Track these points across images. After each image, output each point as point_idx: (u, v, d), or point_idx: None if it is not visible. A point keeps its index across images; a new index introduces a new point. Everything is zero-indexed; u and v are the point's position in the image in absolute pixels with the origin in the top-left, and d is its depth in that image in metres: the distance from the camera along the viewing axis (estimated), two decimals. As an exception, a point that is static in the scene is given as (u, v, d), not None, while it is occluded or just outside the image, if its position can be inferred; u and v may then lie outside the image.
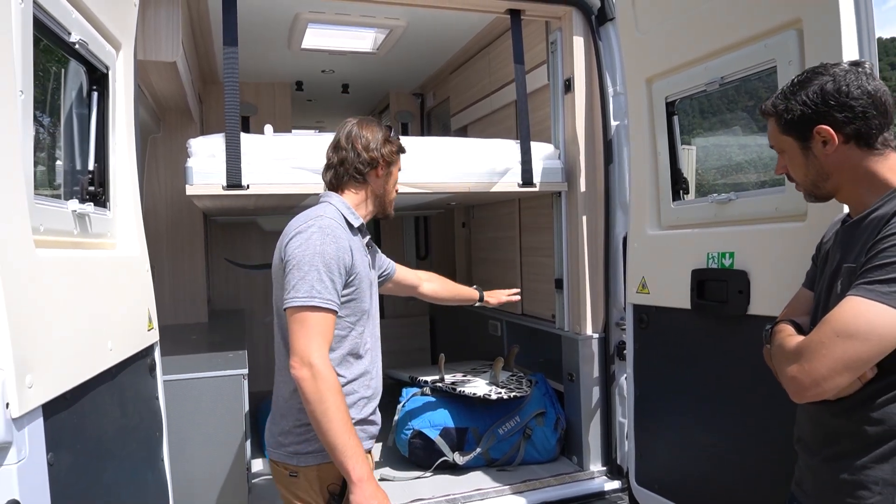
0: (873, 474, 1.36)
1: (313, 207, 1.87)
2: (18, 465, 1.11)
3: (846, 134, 1.40)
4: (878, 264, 1.30)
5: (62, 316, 1.36)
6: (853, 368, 1.32)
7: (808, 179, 1.51)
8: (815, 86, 1.42)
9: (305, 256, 1.69)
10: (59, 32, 1.53)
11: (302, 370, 1.62)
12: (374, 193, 1.96)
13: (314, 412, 1.62)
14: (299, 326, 1.66)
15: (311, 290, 1.66)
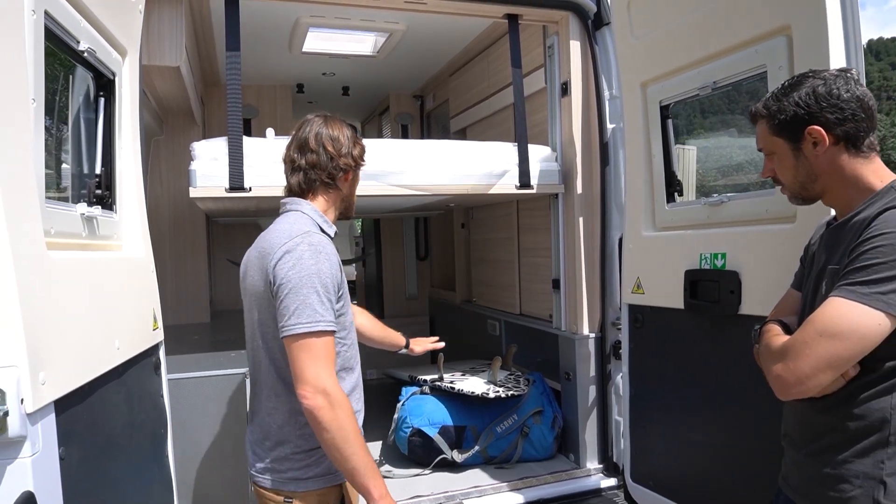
0: (854, 468, 1.40)
1: (287, 218, 1.75)
2: (32, 458, 1.16)
3: (836, 135, 1.44)
4: (859, 266, 1.35)
5: (72, 315, 1.41)
6: (835, 367, 1.37)
7: (796, 181, 1.55)
8: (807, 88, 1.46)
9: (302, 279, 1.59)
10: (68, 41, 1.58)
11: (316, 398, 1.54)
12: (340, 198, 1.86)
13: (334, 440, 1.55)
14: (306, 354, 1.57)
15: (314, 315, 1.58)
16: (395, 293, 5.87)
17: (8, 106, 1.20)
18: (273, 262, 1.63)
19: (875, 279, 1.32)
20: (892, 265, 1.31)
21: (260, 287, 1.67)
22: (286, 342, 1.59)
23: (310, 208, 1.77)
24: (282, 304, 1.59)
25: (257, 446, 1.76)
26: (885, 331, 1.32)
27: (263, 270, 1.66)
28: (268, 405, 1.73)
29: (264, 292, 1.66)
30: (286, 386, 1.68)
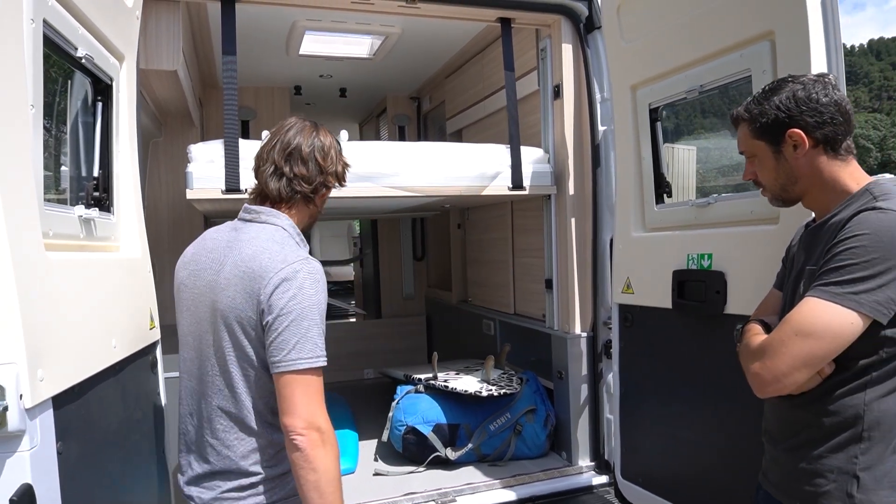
0: (829, 463, 1.45)
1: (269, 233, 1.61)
2: (31, 451, 1.21)
3: (815, 138, 1.49)
4: (833, 267, 1.40)
5: (70, 315, 1.46)
6: (811, 365, 1.41)
7: (777, 183, 1.59)
8: (787, 92, 1.51)
9: (304, 311, 1.50)
10: (66, 48, 1.62)
11: (311, 434, 1.46)
12: (310, 214, 1.74)
13: (318, 481, 1.47)
14: (303, 389, 1.48)
15: (315, 349, 1.50)
16: (392, 293, 5.92)
17: (8, 111, 1.24)
18: (269, 288, 1.50)
19: (848, 279, 1.37)
20: (865, 266, 1.35)
21: (243, 310, 1.52)
22: (281, 375, 1.49)
23: (289, 224, 1.66)
24: (279, 337, 1.48)
25: (207, 479, 1.60)
26: (857, 330, 1.37)
27: (251, 294, 1.51)
28: (227, 437, 1.58)
29: (250, 318, 1.52)
30: (260, 418, 1.57)
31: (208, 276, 1.60)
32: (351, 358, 5.48)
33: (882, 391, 1.40)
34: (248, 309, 1.52)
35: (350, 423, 3.88)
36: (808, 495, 1.48)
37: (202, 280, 1.61)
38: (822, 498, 1.45)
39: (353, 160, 2.90)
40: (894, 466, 1.40)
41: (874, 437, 1.41)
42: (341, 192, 2.88)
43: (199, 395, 1.62)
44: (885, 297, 1.34)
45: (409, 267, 5.94)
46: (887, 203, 1.40)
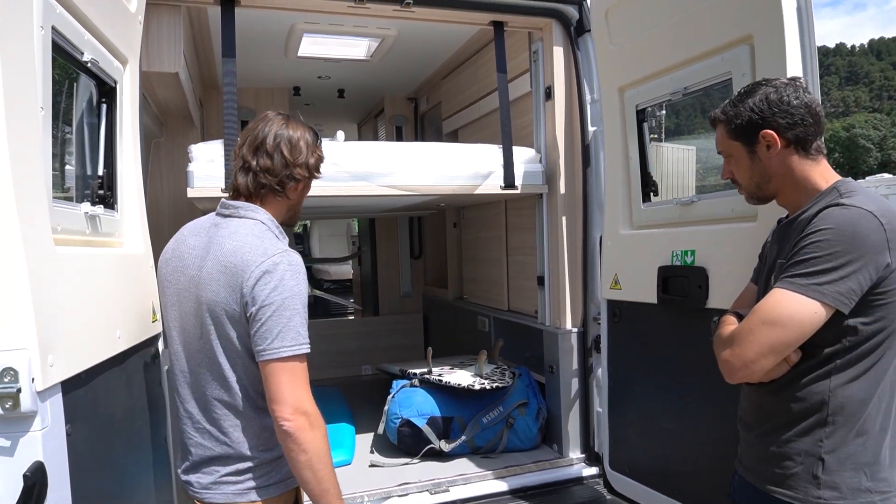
0: (797, 446, 1.53)
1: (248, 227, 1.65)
2: (42, 432, 1.29)
3: (787, 139, 1.57)
4: (799, 260, 1.48)
5: (77, 306, 1.54)
6: (777, 352, 1.49)
7: (752, 182, 1.67)
8: (760, 95, 1.59)
9: (286, 301, 1.55)
10: (73, 53, 1.70)
11: (299, 419, 1.53)
12: (287, 206, 1.77)
13: (310, 461, 1.55)
14: (289, 376, 1.55)
15: (298, 338, 1.56)
16: (389, 291, 6.00)
17: (20, 114, 1.32)
18: (251, 281, 1.55)
19: (812, 272, 1.44)
20: (828, 258, 1.43)
21: (229, 304, 1.58)
22: (266, 364, 1.55)
23: (267, 218, 1.69)
24: (263, 327, 1.54)
25: (205, 465, 1.67)
26: (821, 319, 1.44)
27: (234, 287, 1.56)
28: (224, 424, 1.64)
29: (234, 311, 1.57)
30: (252, 405, 1.64)
31: (191, 271, 1.65)
32: (349, 354, 5.57)
33: (846, 378, 1.48)
34: (232, 301, 1.57)
35: (347, 417, 3.96)
36: (777, 477, 1.56)
37: (185, 276, 1.66)
38: (790, 480, 1.53)
39: (348, 160, 3.01)
40: (857, 449, 1.48)
41: (838, 422, 1.49)
42: (338, 191, 2.99)
43: (192, 387, 1.68)
44: (846, 288, 1.42)
45: (407, 265, 6.02)
46: (851, 200, 1.48)
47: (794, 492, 1.52)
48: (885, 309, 1.46)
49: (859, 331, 1.46)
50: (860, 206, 1.45)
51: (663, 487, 2.56)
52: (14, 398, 1.23)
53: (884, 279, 1.43)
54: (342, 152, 3.02)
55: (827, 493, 1.48)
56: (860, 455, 1.48)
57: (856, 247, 1.42)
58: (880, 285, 1.44)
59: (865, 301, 1.44)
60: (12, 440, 1.26)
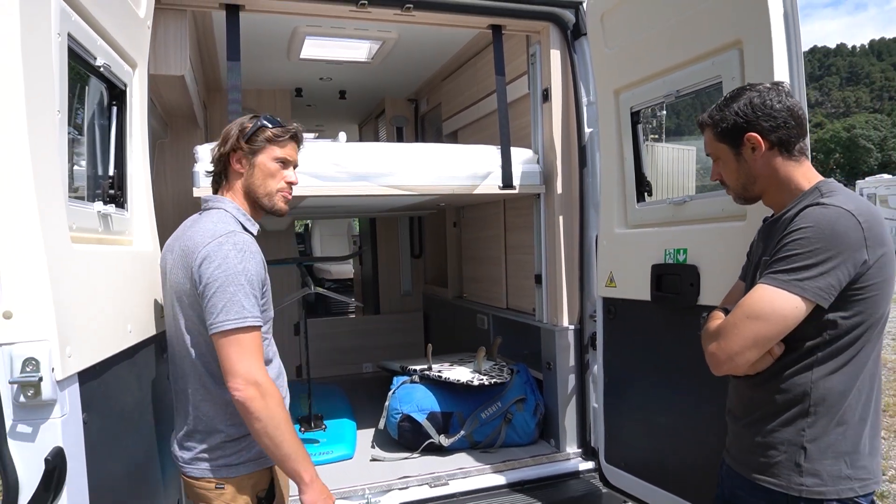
0: (780, 436, 1.60)
1: (210, 216, 1.78)
2: (62, 419, 1.36)
3: (771, 141, 1.64)
4: (780, 257, 1.55)
5: (92, 301, 1.61)
6: (760, 345, 1.56)
7: (739, 183, 1.74)
8: (745, 99, 1.66)
9: (229, 278, 1.64)
10: (87, 58, 1.78)
11: (248, 390, 1.61)
12: (243, 190, 1.86)
13: (266, 428, 1.62)
14: (236, 348, 1.63)
15: (242, 311, 1.64)
16: (390, 290, 6.07)
17: (39, 118, 1.39)
18: (198, 261, 1.66)
19: (793, 268, 1.51)
20: (808, 255, 1.50)
21: (185, 285, 1.72)
22: (215, 338, 1.64)
23: (231, 206, 1.82)
24: (209, 303, 1.64)
25: (185, 439, 1.79)
26: (801, 313, 1.51)
27: (188, 269, 1.69)
28: (195, 398, 1.77)
29: (189, 290, 1.71)
30: (215, 380, 1.74)
31: (168, 262, 1.83)
32: (350, 352, 5.64)
33: (827, 370, 1.55)
34: (187, 282, 1.71)
35: (348, 413, 4.03)
36: (762, 466, 1.63)
37: (164, 267, 1.85)
38: (773, 468, 1.60)
39: (350, 160, 3.08)
40: (837, 438, 1.55)
41: (819, 412, 1.55)
42: (339, 191, 3.06)
43: (173, 368, 1.84)
44: (826, 284, 1.49)
45: (407, 264, 6.09)
46: (831, 199, 1.55)
47: (778, 479, 1.58)
48: (864, 304, 1.52)
49: (839, 325, 1.52)
50: (839, 206, 1.51)
51: (657, 480, 2.63)
52: (35, 387, 1.31)
53: (861, 275, 1.50)
54: (344, 153, 3.10)
55: (809, 481, 1.55)
56: (840, 444, 1.55)
57: (835, 244, 1.48)
58: (858, 281, 1.50)
59: (844, 296, 1.51)
60: (34, 426, 1.33)
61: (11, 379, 1.29)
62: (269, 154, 1.85)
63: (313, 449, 3.42)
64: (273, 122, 1.86)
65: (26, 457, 1.32)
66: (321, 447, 3.45)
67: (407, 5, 2.99)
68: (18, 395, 1.31)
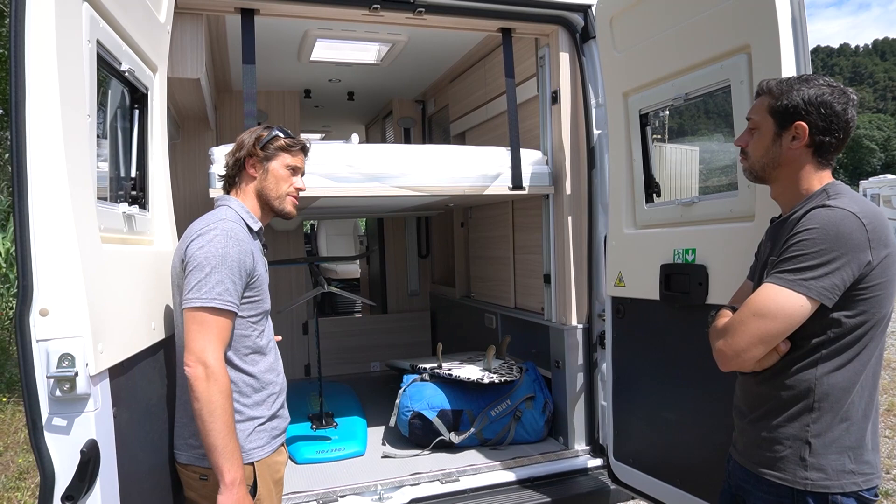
0: (786, 431, 1.64)
1: (213, 211, 1.93)
2: (95, 412, 1.41)
3: (814, 140, 1.64)
4: (787, 257, 1.59)
5: (120, 299, 1.66)
6: (766, 342, 1.60)
7: (762, 160, 1.72)
8: (817, 91, 1.63)
9: (208, 258, 1.72)
10: (113, 63, 1.83)
11: (196, 368, 1.66)
12: (255, 192, 2.00)
13: (200, 410, 1.65)
14: (198, 326, 1.69)
15: (211, 292, 1.70)
16: (397, 289, 6.12)
17: (72, 122, 1.45)
18: (187, 243, 1.80)
19: (799, 268, 1.55)
20: (813, 256, 1.54)
21: (178, 268, 1.84)
22: (184, 314, 1.73)
23: (236, 203, 1.96)
24: (186, 280, 1.75)
25: (178, 425, 1.89)
26: (806, 312, 1.55)
27: (180, 251, 1.83)
28: (183, 383, 1.81)
29: (180, 273, 1.82)
30: None
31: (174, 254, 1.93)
32: (357, 352, 5.69)
33: (831, 367, 1.59)
34: (179, 265, 1.83)
35: (359, 410, 4.08)
36: (768, 460, 1.67)
37: None
38: (779, 462, 1.64)
39: (362, 162, 3.13)
40: (841, 434, 1.59)
41: (824, 408, 1.60)
42: (352, 192, 3.11)
43: (178, 353, 1.90)
44: (830, 284, 1.53)
45: (414, 264, 6.14)
46: (836, 202, 1.59)
47: (784, 473, 1.62)
48: (867, 303, 1.56)
49: (843, 323, 1.57)
50: (844, 208, 1.55)
51: (665, 476, 2.67)
52: (71, 381, 1.36)
53: (865, 275, 1.54)
54: (356, 154, 3.14)
55: (813, 475, 1.59)
56: (844, 439, 1.59)
57: (839, 245, 1.52)
58: (862, 281, 1.54)
59: (849, 296, 1.55)
60: (69, 420, 1.38)
61: (49, 374, 1.34)
62: (281, 161, 2.01)
63: (325, 446, 3.47)
64: (285, 133, 2.03)
65: (61, 448, 1.37)
66: (333, 444, 3.49)
67: (419, 9, 3.04)
68: (54, 390, 1.36)
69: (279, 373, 1.99)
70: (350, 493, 2.95)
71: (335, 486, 2.97)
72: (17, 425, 5.37)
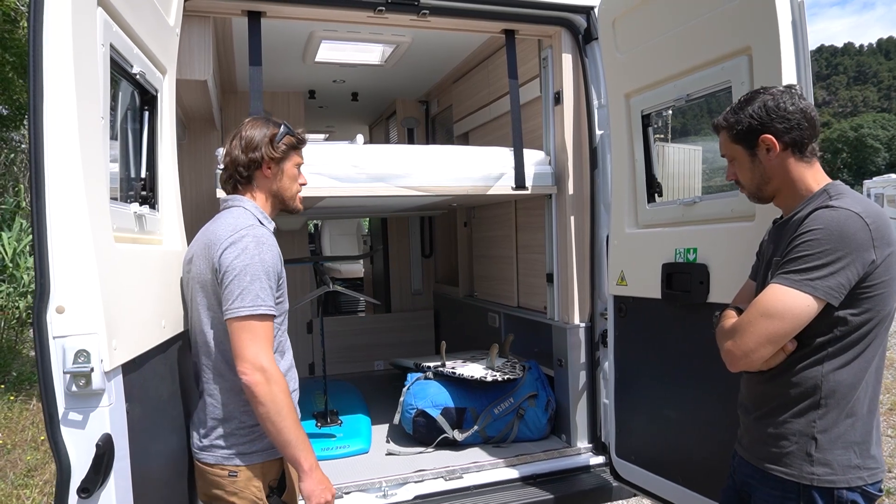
0: (792, 427, 1.67)
1: (231, 213, 1.91)
2: (109, 408, 1.45)
3: (784, 142, 1.70)
4: (793, 257, 1.62)
5: (132, 297, 1.70)
6: (774, 342, 1.63)
7: (753, 183, 1.80)
8: (759, 102, 1.72)
9: (247, 267, 1.75)
10: (125, 66, 1.86)
11: (255, 375, 1.70)
12: (270, 193, 2.00)
13: (269, 413, 1.71)
14: (248, 334, 1.72)
15: (256, 300, 1.73)
16: (401, 288, 6.15)
17: (87, 124, 1.48)
18: (219, 252, 1.79)
19: (805, 268, 1.58)
20: (819, 256, 1.57)
21: (206, 275, 1.84)
22: (229, 324, 1.75)
23: (251, 205, 1.96)
24: (227, 290, 1.75)
25: (201, 426, 1.91)
26: (813, 311, 1.58)
27: (209, 260, 1.82)
28: (211, 386, 1.89)
29: (210, 280, 1.83)
30: (229, 366, 1.83)
31: (192, 253, 1.95)
32: (361, 350, 5.72)
33: (837, 364, 1.62)
34: (208, 272, 1.83)
35: (363, 408, 4.12)
36: (774, 456, 1.70)
37: (188, 258, 1.97)
38: (785, 458, 1.67)
39: (367, 162, 3.16)
40: (846, 429, 1.63)
41: (830, 404, 1.63)
42: (357, 192, 3.14)
43: (197, 354, 1.95)
44: (836, 283, 1.56)
45: (418, 263, 6.17)
46: (839, 202, 1.62)
47: (790, 469, 1.66)
48: (872, 301, 1.59)
49: (849, 321, 1.60)
50: (847, 208, 1.59)
51: (667, 473, 2.70)
52: (87, 377, 1.39)
53: (870, 274, 1.57)
54: (361, 155, 3.18)
55: (819, 470, 1.62)
56: (850, 435, 1.62)
57: (843, 245, 1.55)
58: (867, 280, 1.57)
59: (853, 294, 1.58)
60: (84, 414, 1.42)
61: (66, 369, 1.38)
62: (292, 160, 2.03)
63: (330, 443, 3.50)
64: (290, 129, 2.02)
65: (77, 442, 1.41)
66: (338, 441, 3.53)
67: (423, 11, 3.07)
68: (70, 385, 1.40)
69: (295, 371, 2.03)
70: (355, 490, 2.99)
71: (340, 483, 3.01)
72: (25, 423, 5.42)
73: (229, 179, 2.00)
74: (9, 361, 7.05)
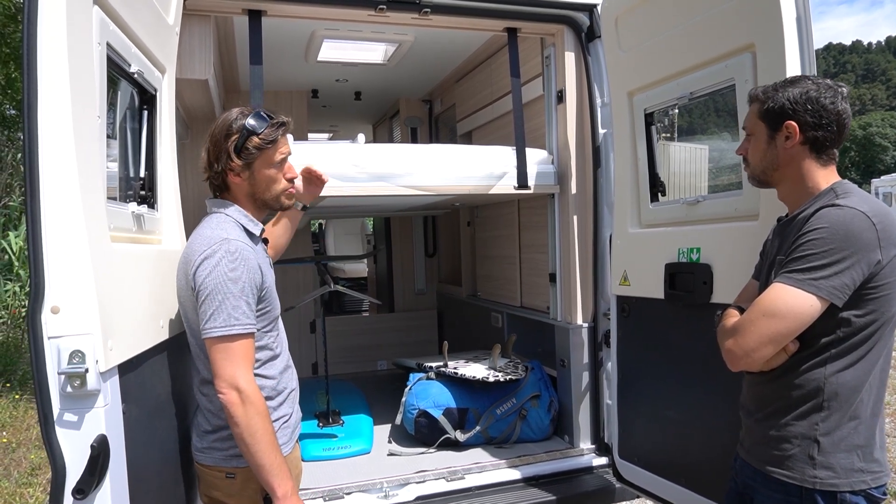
0: (794, 430, 1.65)
1: (210, 221, 1.85)
2: (105, 408, 1.44)
3: (807, 136, 1.66)
4: (796, 257, 1.59)
5: (129, 297, 1.69)
6: (776, 342, 1.61)
7: (761, 164, 1.76)
8: (801, 88, 1.66)
9: (218, 286, 1.70)
10: (122, 65, 1.86)
11: (231, 394, 1.68)
12: (248, 196, 1.90)
13: (242, 434, 1.68)
14: (223, 354, 1.70)
15: (230, 319, 1.69)
16: (404, 288, 6.14)
17: (83, 123, 1.47)
18: (193, 268, 1.74)
19: (808, 267, 1.56)
20: (823, 255, 1.55)
21: (184, 289, 1.82)
22: (206, 343, 1.73)
23: (233, 209, 1.87)
24: (201, 309, 1.72)
25: (200, 428, 1.91)
26: (816, 311, 1.56)
27: (186, 276, 1.79)
28: (201, 392, 1.90)
29: (189, 294, 1.79)
30: None
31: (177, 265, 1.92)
32: (364, 350, 5.72)
33: (840, 366, 1.60)
34: (187, 289, 1.81)
35: (365, 409, 4.11)
36: (776, 458, 1.67)
37: None
38: (787, 461, 1.65)
39: (369, 161, 3.15)
40: (850, 432, 1.60)
41: (833, 407, 1.60)
42: (358, 192, 3.13)
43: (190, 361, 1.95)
44: (840, 283, 1.54)
45: (421, 263, 6.16)
46: (845, 201, 1.59)
47: (792, 472, 1.63)
48: (877, 302, 1.57)
49: (852, 322, 1.57)
50: (854, 207, 1.56)
51: (670, 475, 2.67)
52: (82, 377, 1.39)
53: (875, 275, 1.54)
54: (363, 154, 3.16)
55: (822, 473, 1.59)
56: (853, 437, 1.60)
57: (849, 245, 1.53)
58: (872, 280, 1.55)
59: (858, 295, 1.55)
60: (79, 415, 1.41)
61: (60, 370, 1.37)
62: (264, 161, 1.85)
63: (332, 443, 3.49)
64: (258, 124, 1.82)
65: (72, 443, 1.40)
66: (339, 441, 3.52)
67: (424, 9, 3.05)
68: (65, 386, 1.39)
69: (293, 370, 2.02)
70: (356, 491, 2.98)
71: (341, 484, 3.00)
72: (30, 422, 5.44)
73: (210, 184, 1.93)
74: (15, 360, 7.08)
